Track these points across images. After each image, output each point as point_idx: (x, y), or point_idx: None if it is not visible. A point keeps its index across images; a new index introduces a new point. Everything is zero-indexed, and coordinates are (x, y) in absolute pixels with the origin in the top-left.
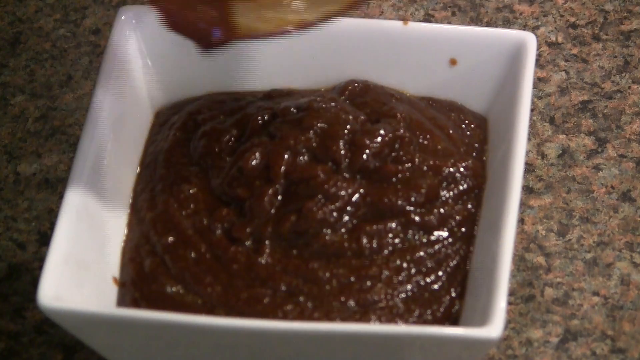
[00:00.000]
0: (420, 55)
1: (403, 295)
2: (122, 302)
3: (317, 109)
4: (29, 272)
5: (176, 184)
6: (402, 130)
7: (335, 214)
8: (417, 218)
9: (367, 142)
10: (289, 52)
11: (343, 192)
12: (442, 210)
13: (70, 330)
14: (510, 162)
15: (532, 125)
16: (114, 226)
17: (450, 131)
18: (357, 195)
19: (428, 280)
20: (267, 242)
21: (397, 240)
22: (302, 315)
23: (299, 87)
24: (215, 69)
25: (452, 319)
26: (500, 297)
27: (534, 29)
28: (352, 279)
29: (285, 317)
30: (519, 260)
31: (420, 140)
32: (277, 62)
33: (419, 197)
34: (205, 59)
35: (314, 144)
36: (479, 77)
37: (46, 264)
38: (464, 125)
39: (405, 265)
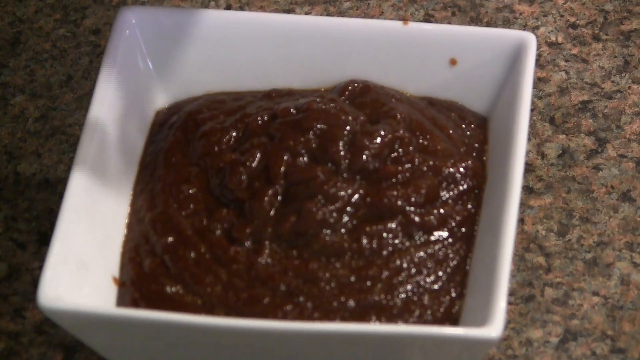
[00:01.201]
0: (420, 55)
1: (403, 295)
2: (121, 302)
3: (316, 109)
4: (29, 272)
5: (176, 184)
6: (401, 131)
7: (335, 214)
8: (417, 218)
9: (367, 143)
10: (289, 52)
11: (343, 193)
12: (442, 211)
13: (70, 330)
14: (510, 162)
15: (532, 125)
16: (114, 226)
17: (450, 131)
18: (356, 196)
19: (428, 280)
20: (266, 242)
21: (397, 241)
22: (301, 315)
23: (299, 87)
24: (215, 69)
25: (452, 319)
26: (500, 297)
27: (534, 29)
28: (352, 279)
29: (285, 317)
30: (519, 260)
31: (420, 141)
32: (277, 62)
33: (418, 198)
34: (205, 58)
35: (314, 145)
36: (479, 77)
37: (46, 264)
38: (464, 125)
39: (405, 265)
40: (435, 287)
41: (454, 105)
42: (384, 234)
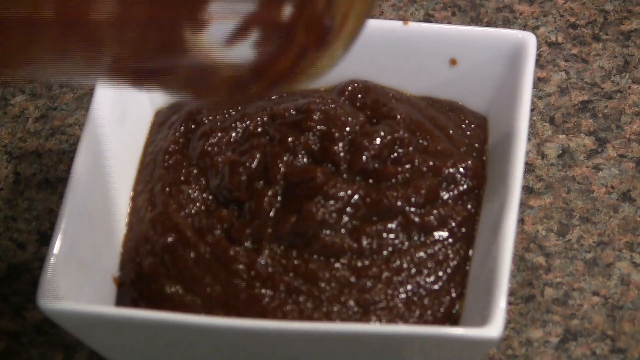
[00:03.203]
0: (420, 55)
1: (403, 295)
2: (121, 302)
3: (316, 110)
4: (29, 272)
5: (175, 184)
6: (401, 132)
7: (334, 214)
8: (416, 219)
9: (367, 143)
10: None
11: (342, 193)
12: (442, 211)
13: (70, 330)
14: (510, 162)
15: (532, 125)
16: (114, 226)
17: (450, 131)
18: (356, 196)
19: (428, 280)
20: (266, 242)
21: (397, 241)
22: (301, 315)
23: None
24: None
25: (452, 319)
26: (500, 297)
27: (534, 29)
28: (352, 279)
29: (284, 317)
30: (519, 260)
31: (420, 141)
32: None
33: (418, 198)
34: None
35: (313, 146)
36: (479, 77)
37: (46, 264)
38: (464, 125)
39: (405, 265)
40: (435, 287)
41: (454, 105)
42: (384, 235)
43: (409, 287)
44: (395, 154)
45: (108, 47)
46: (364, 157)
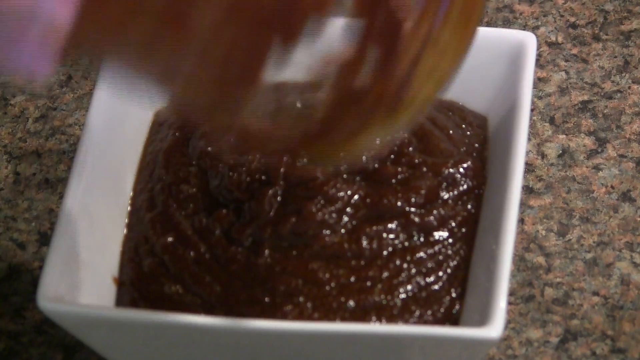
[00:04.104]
0: None
1: (403, 295)
2: (120, 302)
3: None
4: (29, 272)
5: (175, 184)
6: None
7: (334, 215)
8: (416, 219)
9: None
10: None
11: (342, 194)
12: (442, 211)
13: (70, 330)
14: (510, 162)
15: (532, 125)
16: (114, 226)
17: (450, 131)
18: (356, 197)
19: (428, 280)
20: (266, 243)
21: (397, 241)
22: (301, 315)
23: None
24: None
25: (452, 319)
26: (500, 297)
27: (534, 29)
28: (352, 279)
29: (284, 317)
30: (519, 260)
31: (420, 141)
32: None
33: (418, 198)
34: None
35: None
36: (479, 77)
37: (46, 264)
38: (464, 125)
39: (405, 266)
40: (435, 287)
41: (454, 105)
42: (384, 235)
43: (409, 287)
44: (395, 154)
45: (191, 56)
46: (364, 157)
